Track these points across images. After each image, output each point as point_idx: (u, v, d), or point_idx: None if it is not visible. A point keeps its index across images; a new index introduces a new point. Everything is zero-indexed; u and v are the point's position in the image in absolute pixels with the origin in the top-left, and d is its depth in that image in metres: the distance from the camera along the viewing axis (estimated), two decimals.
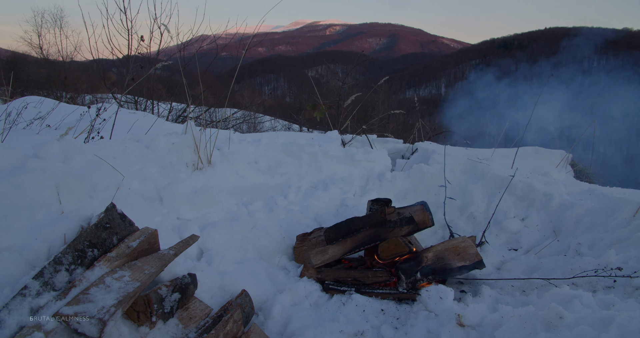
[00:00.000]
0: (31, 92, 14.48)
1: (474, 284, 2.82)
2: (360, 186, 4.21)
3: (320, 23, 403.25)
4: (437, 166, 4.12)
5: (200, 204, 3.29)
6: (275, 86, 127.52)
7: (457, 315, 2.10)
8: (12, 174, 2.49)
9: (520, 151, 4.57)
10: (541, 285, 2.62)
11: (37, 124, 5.46)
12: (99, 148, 3.23)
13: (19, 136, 4.57)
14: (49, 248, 1.90)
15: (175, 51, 11.05)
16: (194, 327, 1.98)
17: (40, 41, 19.31)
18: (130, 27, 9.90)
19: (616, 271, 2.43)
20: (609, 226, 2.93)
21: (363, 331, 2.30)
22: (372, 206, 3.23)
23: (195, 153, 3.83)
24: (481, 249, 3.14)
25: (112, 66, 12.46)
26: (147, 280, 1.83)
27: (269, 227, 3.27)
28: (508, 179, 3.65)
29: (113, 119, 4.74)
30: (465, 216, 3.70)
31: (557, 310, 1.77)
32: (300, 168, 4.35)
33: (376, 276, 2.71)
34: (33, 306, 1.64)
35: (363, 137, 6.09)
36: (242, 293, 2.33)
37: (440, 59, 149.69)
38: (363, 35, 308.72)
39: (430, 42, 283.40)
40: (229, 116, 12.00)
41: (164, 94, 12.22)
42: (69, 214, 2.04)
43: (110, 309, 1.61)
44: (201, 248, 2.99)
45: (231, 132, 5.27)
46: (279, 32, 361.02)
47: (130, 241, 2.04)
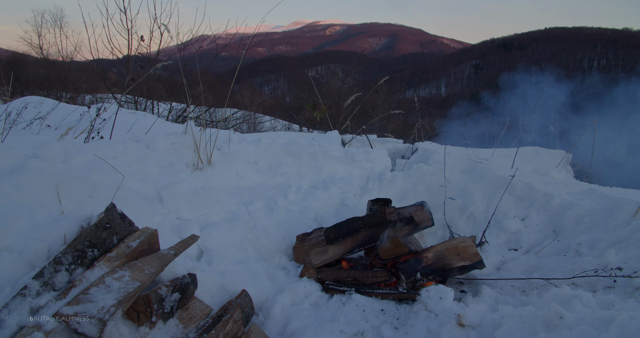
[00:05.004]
0: (31, 92, 14.47)
1: (474, 284, 2.82)
2: (360, 186, 4.21)
3: (320, 23, 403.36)
4: (437, 166, 4.12)
5: (200, 204, 3.29)
6: (275, 86, 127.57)
7: (457, 315, 2.10)
8: (12, 174, 2.49)
9: (520, 151, 4.57)
10: (541, 285, 2.62)
11: (37, 124, 5.46)
12: (99, 148, 3.23)
13: (19, 136, 4.57)
14: (49, 248, 1.90)
15: (175, 51, 11.05)
16: (194, 327, 1.98)
17: (40, 41, 19.32)
18: (130, 27, 9.92)
19: (616, 271, 2.43)
20: (609, 226, 2.93)
21: (363, 331, 2.30)
22: (372, 206, 3.23)
23: (195, 153, 3.83)
24: (481, 249, 3.14)
25: (112, 66, 12.46)
26: (147, 280, 1.83)
27: (269, 227, 3.27)
28: (508, 179, 3.65)
29: (113, 119, 4.74)
30: (465, 216, 3.70)
31: (557, 310, 1.77)
32: (300, 168, 4.35)
33: (376, 276, 2.71)
34: (33, 306, 1.64)
35: (363, 137, 6.09)
36: (242, 293, 2.33)
37: (440, 59, 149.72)
38: (363, 35, 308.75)
39: (430, 42, 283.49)
40: (229, 116, 12.00)
41: (164, 94, 12.23)
42: (69, 214, 2.04)
43: (110, 309, 1.61)
44: (201, 248, 2.99)
45: (231, 132, 5.27)
46: (279, 32, 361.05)
47: (130, 241, 2.03)
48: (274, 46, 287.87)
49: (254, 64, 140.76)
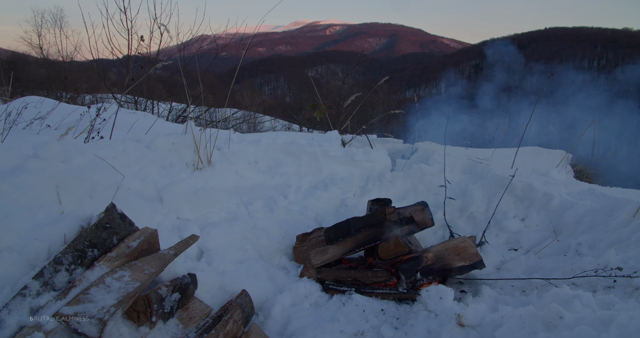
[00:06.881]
0: (31, 92, 14.47)
1: (474, 284, 2.82)
2: (360, 186, 4.21)
3: (320, 23, 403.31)
4: (437, 166, 4.12)
5: (200, 205, 3.29)
6: (275, 86, 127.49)
7: (457, 315, 2.10)
8: (12, 174, 2.49)
9: (520, 151, 4.57)
10: (541, 285, 2.62)
11: (37, 124, 5.46)
12: (99, 148, 3.23)
13: (19, 136, 4.58)
14: (49, 248, 1.89)
15: (175, 51, 11.05)
16: (194, 327, 1.98)
17: (40, 41, 19.31)
18: (130, 27, 9.92)
19: (616, 271, 2.43)
20: (609, 226, 2.93)
21: (363, 331, 2.30)
22: (372, 206, 3.23)
23: (195, 153, 3.83)
24: (481, 249, 3.14)
25: (112, 66, 12.45)
26: (147, 280, 1.83)
27: (269, 227, 3.27)
28: (508, 179, 3.65)
29: (113, 119, 4.74)
30: (465, 216, 3.70)
31: (557, 310, 1.77)
32: (300, 168, 4.35)
33: (376, 276, 2.71)
34: (33, 306, 1.64)
35: (363, 137, 6.09)
36: (242, 293, 2.33)
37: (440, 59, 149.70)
38: (363, 35, 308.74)
39: (430, 42, 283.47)
40: (229, 116, 12.00)
41: (164, 94, 12.23)
42: (69, 214, 2.04)
43: (110, 309, 1.61)
44: (201, 248, 2.99)
45: (231, 132, 5.28)
46: (279, 32, 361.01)
47: (130, 241, 2.03)
48: (274, 45, 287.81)
49: (254, 64, 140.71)
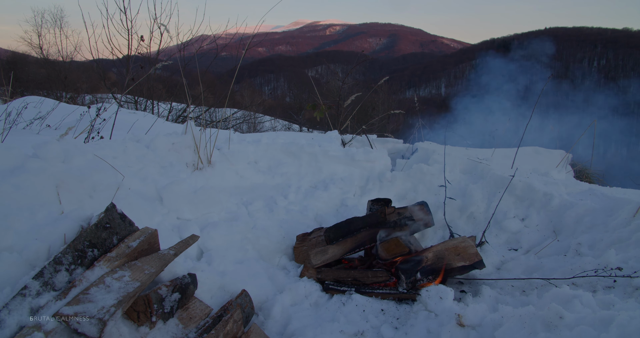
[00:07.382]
0: (31, 92, 14.47)
1: (474, 284, 2.82)
2: (360, 186, 4.21)
3: (320, 23, 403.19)
4: (437, 166, 4.12)
5: (200, 205, 3.29)
6: (275, 86, 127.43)
7: (457, 315, 2.10)
8: (12, 174, 2.49)
9: (520, 151, 4.57)
10: (541, 285, 2.62)
11: (37, 124, 5.46)
12: (99, 148, 3.23)
13: (19, 136, 4.58)
14: (49, 248, 1.90)
15: (175, 51, 11.05)
16: (194, 327, 1.98)
17: (40, 41, 19.32)
18: (130, 27, 9.92)
19: (616, 271, 2.43)
20: (609, 226, 2.93)
21: (363, 331, 2.30)
22: (372, 206, 3.23)
23: (195, 153, 3.83)
24: (481, 249, 3.14)
25: (112, 66, 12.46)
26: (147, 280, 1.83)
27: (269, 227, 3.27)
28: (508, 179, 3.65)
29: (113, 119, 4.74)
30: (465, 216, 3.70)
31: (557, 310, 1.77)
32: (300, 168, 4.35)
33: (376, 276, 2.71)
34: (33, 306, 1.64)
35: (363, 137, 6.09)
36: (242, 293, 2.33)
37: (440, 59, 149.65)
38: (363, 35, 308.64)
39: (430, 42, 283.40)
40: (229, 116, 12.00)
41: (164, 94, 12.23)
42: (69, 214, 2.04)
43: (110, 309, 1.61)
44: (201, 248, 2.99)
45: (231, 132, 5.28)
46: (279, 32, 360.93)
47: (130, 241, 2.03)
48: (274, 45, 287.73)
49: (254, 64, 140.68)
